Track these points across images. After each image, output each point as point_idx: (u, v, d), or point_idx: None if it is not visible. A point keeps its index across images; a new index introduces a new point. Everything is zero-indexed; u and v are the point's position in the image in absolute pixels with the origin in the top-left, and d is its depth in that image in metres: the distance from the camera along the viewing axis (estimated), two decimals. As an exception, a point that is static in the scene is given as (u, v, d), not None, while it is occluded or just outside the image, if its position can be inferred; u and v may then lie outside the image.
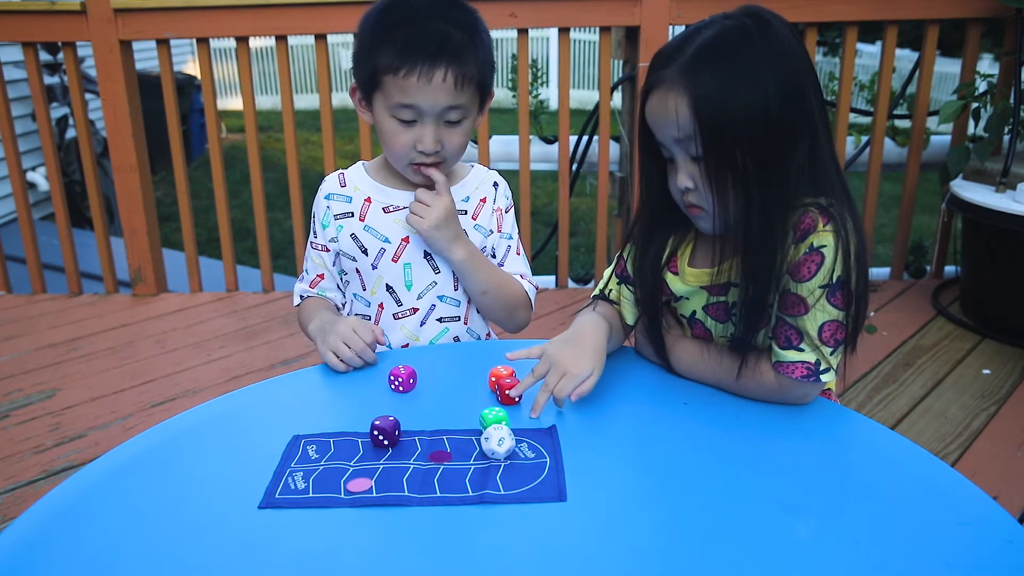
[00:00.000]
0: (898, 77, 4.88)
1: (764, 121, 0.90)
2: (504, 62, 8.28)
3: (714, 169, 0.93)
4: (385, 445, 0.93)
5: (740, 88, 0.90)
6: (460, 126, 1.18)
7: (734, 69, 0.91)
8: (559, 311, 2.90)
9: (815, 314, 0.96)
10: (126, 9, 2.83)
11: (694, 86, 0.91)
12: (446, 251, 1.22)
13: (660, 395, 1.05)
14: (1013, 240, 2.49)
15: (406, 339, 1.29)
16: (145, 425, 2.10)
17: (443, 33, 1.11)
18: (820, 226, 0.94)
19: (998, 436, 2.03)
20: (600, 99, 3.03)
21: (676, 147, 0.96)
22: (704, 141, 0.92)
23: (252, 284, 3.34)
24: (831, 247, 0.94)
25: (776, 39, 0.93)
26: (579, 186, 3.72)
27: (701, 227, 1.02)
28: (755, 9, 0.95)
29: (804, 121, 0.93)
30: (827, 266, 0.94)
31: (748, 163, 0.92)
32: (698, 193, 0.97)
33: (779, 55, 0.92)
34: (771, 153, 0.92)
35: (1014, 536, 0.76)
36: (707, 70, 0.91)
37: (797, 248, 0.95)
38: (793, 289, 0.96)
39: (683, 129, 0.93)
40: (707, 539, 0.76)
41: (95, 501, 0.84)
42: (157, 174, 5.28)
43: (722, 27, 0.94)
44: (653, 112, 0.97)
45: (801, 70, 0.93)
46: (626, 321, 1.15)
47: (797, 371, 0.98)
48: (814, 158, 0.95)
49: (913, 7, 2.80)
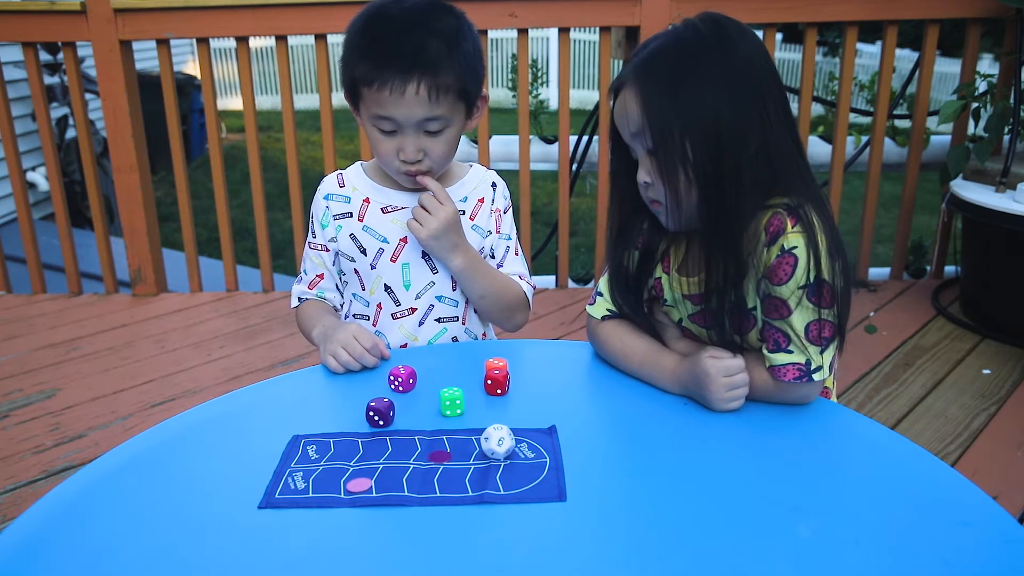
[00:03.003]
0: (898, 77, 4.88)
1: (712, 119, 0.94)
2: (504, 62, 8.29)
3: (664, 162, 0.97)
4: (380, 425, 0.96)
5: (686, 88, 0.95)
6: (442, 135, 1.17)
7: (682, 69, 0.96)
8: (559, 311, 2.90)
9: (799, 315, 0.97)
10: (126, 9, 2.83)
11: (643, 83, 0.97)
12: (444, 260, 1.24)
13: (660, 395, 1.05)
14: (1013, 240, 2.49)
15: (404, 339, 1.29)
16: (145, 425, 2.10)
17: (418, 44, 1.11)
18: (789, 227, 0.95)
19: (998, 436, 2.03)
20: (600, 99, 3.03)
21: (634, 143, 1.01)
22: (652, 135, 0.97)
23: (252, 284, 3.34)
24: (802, 247, 0.95)
25: (728, 42, 0.97)
26: (579, 186, 3.73)
27: (663, 222, 1.05)
28: (713, 15, 1.00)
29: (756, 121, 0.96)
30: (802, 266, 0.95)
31: (697, 157, 0.95)
32: (655, 188, 1.00)
33: (730, 58, 0.96)
34: (720, 148, 0.95)
35: (1014, 536, 0.76)
36: (656, 69, 0.97)
37: (769, 251, 0.96)
38: (774, 293, 0.98)
39: (634, 123, 0.98)
40: (707, 539, 0.76)
41: (95, 501, 0.84)
42: (157, 174, 5.28)
43: (677, 31, 0.99)
44: (616, 111, 1.03)
45: (753, 73, 0.97)
46: None
47: (789, 373, 0.99)
48: (768, 153, 0.97)
49: (913, 7, 2.80)
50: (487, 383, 1.04)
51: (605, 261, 1.17)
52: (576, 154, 3.32)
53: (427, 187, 1.20)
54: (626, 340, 1.11)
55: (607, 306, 1.15)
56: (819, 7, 2.78)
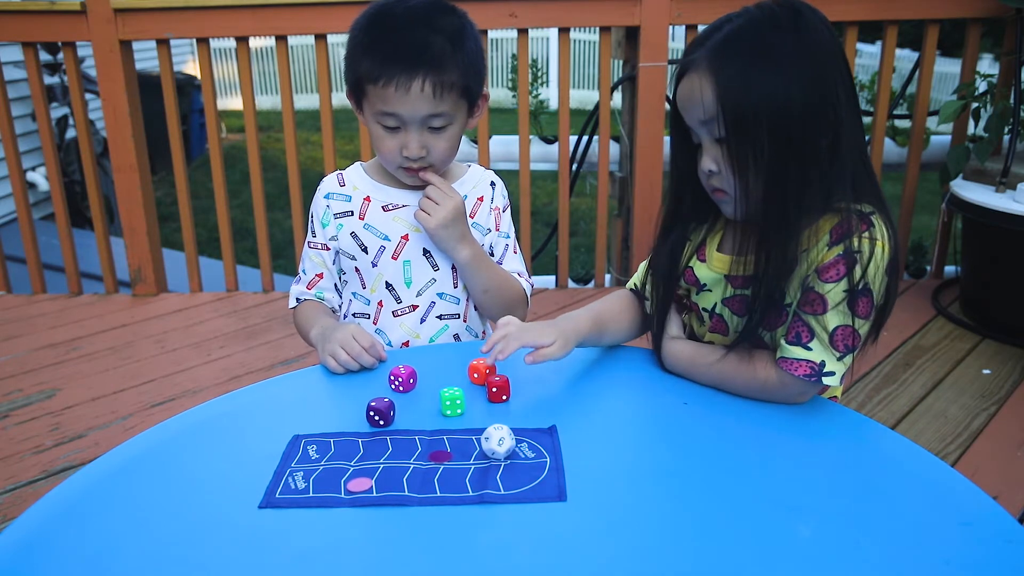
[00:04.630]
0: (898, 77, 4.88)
1: (786, 108, 0.92)
2: (504, 62, 8.29)
3: (736, 151, 0.95)
4: (381, 425, 0.96)
5: (763, 75, 0.92)
6: (445, 132, 1.19)
7: (759, 55, 0.93)
8: (559, 311, 2.90)
9: (833, 316, 0.96)
10: (126, 9, 2.83)
11: (718, 69, 0.94)
12: (452, 250, 1.24)
13: (660, 395, 1.05)
14: (1013, 240, 2.49)
15: (406, 336, 1.29)
16: (145, 425, 2.10)
17: (422, 42, 1.12)
18: (858, 231, 0.94)
19: (998, 436, 2.03)
20: (600, 99, 3.03)
21: (701, 129, 0.98)
22: (726, 122, 0.94)
23: (252, 284, 3.34)
24: (865, 254, 0.94)
25: (806, 29, 0.94)
26: (579, 186, 3.73)
27: (725, 211, 1.03)
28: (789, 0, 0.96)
29: (829, 113, 0.94)
30: (857, 272, 0.94)
31: (769, 147, 0.93)
32: (721, 176, 0.98)
33: (807, 45, 0.93)
34: (792, 140, 0.93)
35: (1014, 536, 0.76)
36: (732, 54, 0.94)
37: (831, 250, 0.95)
38: (816, 287, 0.96)
39: (707, 110, 0.95)
40: (707, 539, 0.76)
41: (95, 501, 0.84)
42: (157, 174, 5.28)
43: (752, 15, 0.96)
44: (682, 95, 0.99)
45: (829, 63, 0.94)
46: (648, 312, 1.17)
47: (800, 369, 0.97)
48: (837, 153, 0.95)
49: (913, 7, 2.80)
50: (491, 391, 1.02)
51: (653, 242, 1.15)
52: (576, 154, 3.32)
53: (430, 182, 1.21)
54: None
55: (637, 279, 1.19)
56: (819, 7, 2.76)
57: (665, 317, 1.11)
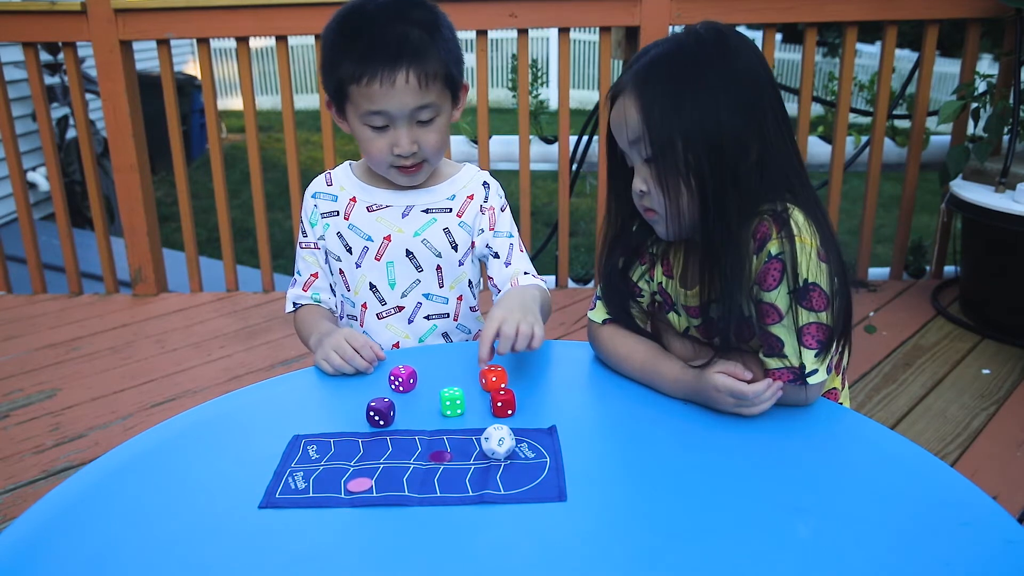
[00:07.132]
0: (898, 77, 4.89)
1: (709, 128, 0.94)
2: (504, 62, 8.29)
3: (663, 170, 0.96)
4: (381, 425, 0.96)
5: (686, 96, 0.94)
6: (434, 124, 1.18)
7: (682, 78, 0.95)
8: (559, 311, 2.90)
9: (791, 320, 0.97)
10: (126, 9, 2.83)
11: (643, 91, 0.96)
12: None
13: (660, 395, 1.05)
14: (1013, 240, 2.49)
15: (395, 338, 1.29)
16: (145, 425, 2.10)
17: (401, 35, 1.12)
18: (775, 233, 0.95)
19: (998, 436, 2.03)
20: (600, 99, 3.03)
21: (631, 150, 1.00)
22: (651, 142, 0.96)
23: (252, 284, 3.34)
24: (788, 252, 0.94)
25: (730, 51, 0.96)
26: (579, 186, 3.73)
27: (658, 231, 1.05)
28: (714, 24, 0.99)
29: (755, 131, 0.96)
30: (790, 271, 0.95)
31: (696, 165, 0.94)
32: (651, 196, 1.00)
33: (731, 68, 0.96)
34: (719, 158, 0.94)
35: (1014, 536, 0.76)
36: (656, 78, 0.96)
37: (758, 258, 0.96)
38: (764, 299, 0.97)
39: (632, 131, 0.98)
40: (707, 539, 0.76)
41: (95, 501, 0.84)
42: (157, 174, 5.28)
43: (678, 39, 0.99)
44: (612, 118, 1.02)
45: (754, 84, 0.96)
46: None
47: (783, 377, 0.98)
48: (766, 161, 0.97)
49: (913, 7, 2.80)
50: (495, 405, 0.99)
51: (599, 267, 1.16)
52: (576, 154, 3.32)
53: (481, 355, 1.05)
54: (627, 343, 1.10)
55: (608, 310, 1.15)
56: (819, 7, 2.78)
57: (644, 331, 1.13)
